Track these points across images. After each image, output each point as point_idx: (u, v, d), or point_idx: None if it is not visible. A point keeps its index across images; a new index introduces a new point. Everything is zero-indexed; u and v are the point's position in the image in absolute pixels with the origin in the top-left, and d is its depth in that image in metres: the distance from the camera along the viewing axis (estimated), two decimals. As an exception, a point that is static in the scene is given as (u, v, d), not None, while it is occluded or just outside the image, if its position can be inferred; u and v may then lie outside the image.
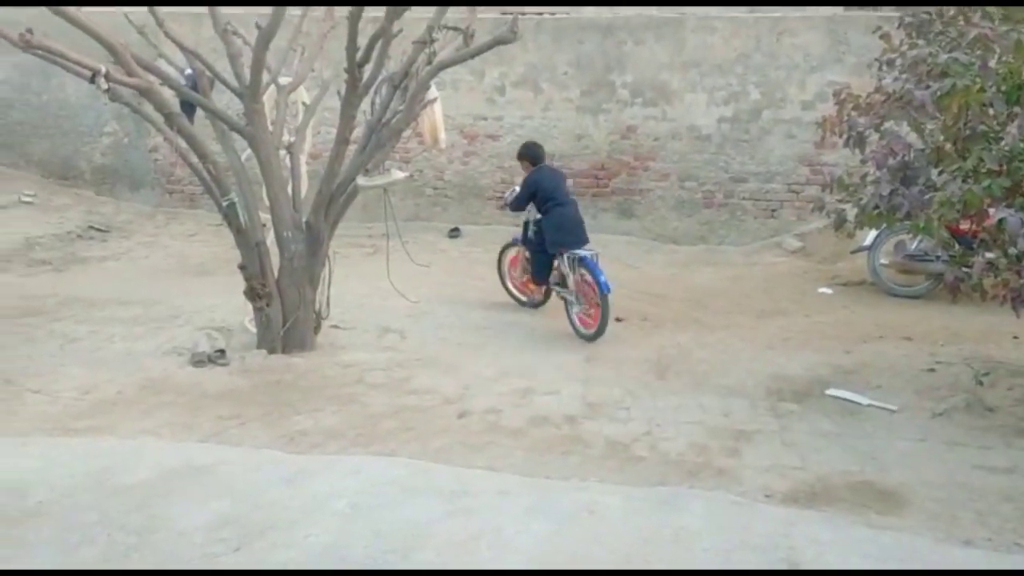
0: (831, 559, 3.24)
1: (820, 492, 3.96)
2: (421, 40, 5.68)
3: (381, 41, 5.46)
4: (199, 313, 6.96)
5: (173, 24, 6.09)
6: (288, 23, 5.90)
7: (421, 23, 5.86)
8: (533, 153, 7.17)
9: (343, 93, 5.81)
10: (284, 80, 6.40)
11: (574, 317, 6.73)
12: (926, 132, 4.83)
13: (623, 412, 4.96)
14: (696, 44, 9.62)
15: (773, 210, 9.64)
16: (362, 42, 5.55)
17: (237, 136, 6.08)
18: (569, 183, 7.57)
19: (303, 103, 6.68)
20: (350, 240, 8.81)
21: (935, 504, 3.84)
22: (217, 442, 4.49)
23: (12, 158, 11.49)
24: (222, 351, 5.95)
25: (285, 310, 6.04)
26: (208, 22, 7.46)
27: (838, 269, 8.56)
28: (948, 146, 4.55)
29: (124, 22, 6.45)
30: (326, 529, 3.43)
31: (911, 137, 4.85)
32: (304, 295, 6.08)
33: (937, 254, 7.04)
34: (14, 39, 4.96)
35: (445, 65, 5.74)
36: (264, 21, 5.82)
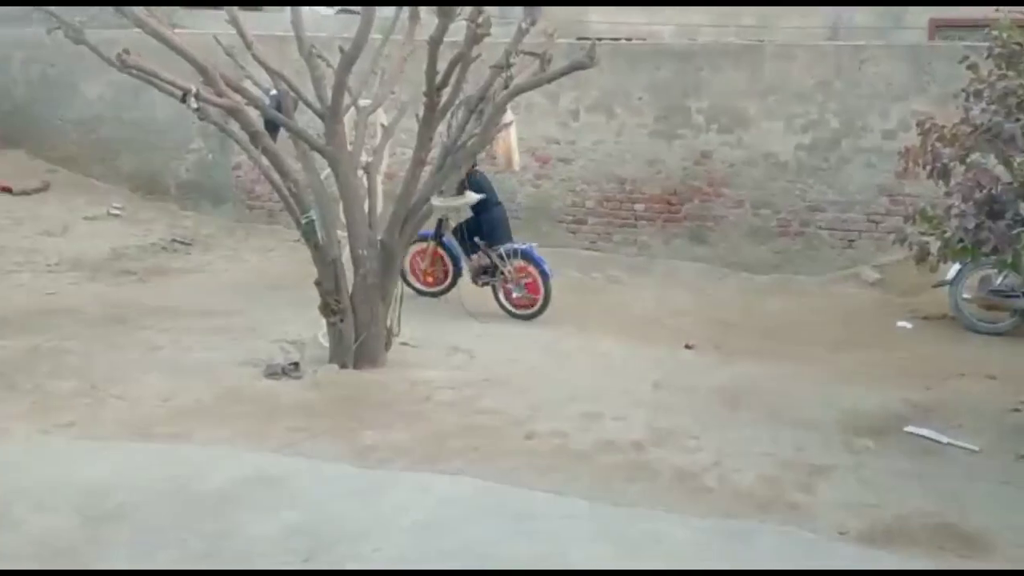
0: (907, 602, 3.13)
1: (897, 532, 3.85)
2: (498, 65, 5.76)
3: (460, 65, 5.55)
4: (274, 326, 7.11)
5: (259, 46, 6.30)
6: (369, 47, 6.05)
7: (499, 48, 5.95)
8: None
9: (421, 115, 5.92)
10: (364, 102, 6.55)
11: (504, 300, 7.78)
12: (1015, 165, 4.69)
13: (692, 441, 4.90)
14: (774, 71, 9.53)
15: (851, 240, 9.44)
16: (441, 66, 5.66)
17: (317, 155, 6.24)
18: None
19: (381, 124, 6.82)
20: (421, 259, 8.94)
21: (1020, 551, 3.68)
22: (289, 453, 4.57)
23: (104, 172, 11.97)
24: (296, 364, 6.07)
25: (357, 326, 6.15)
26: (293, 44, 7.72)
27: (918, 303, 8.32)
28: (1038, 180, 4.41)
29: (213, 43, 6.71)
30: (394, 544, 3.47)
31: (998, 170, 4.71)
32: (376, 312, 6.17)
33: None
34: (112, 59, 5.21)
35: (522, 89, 5.80)
36: (347, 45, 6.00)
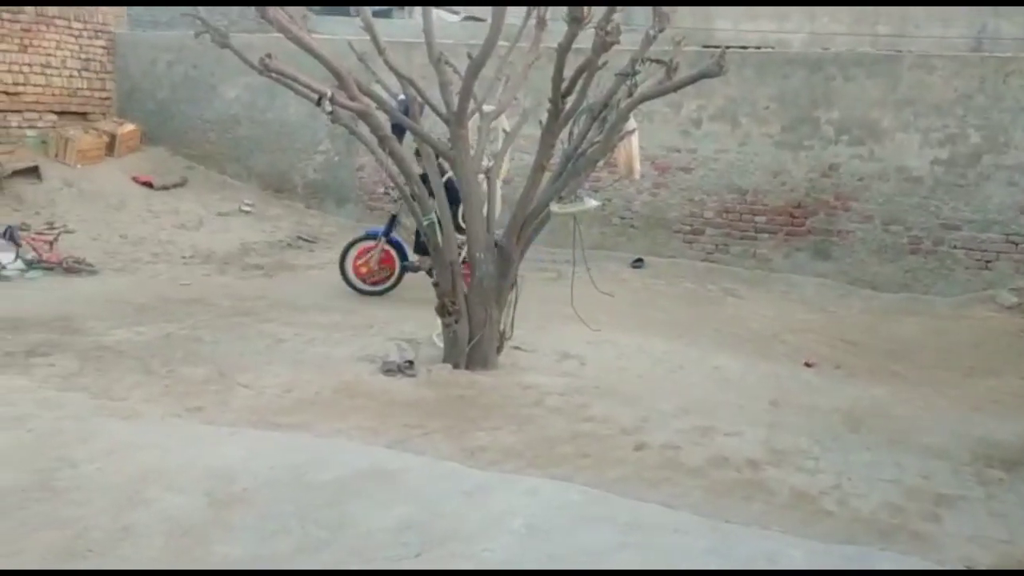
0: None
1: (1031, 572, 3.61)
2: (623, 72, 5.72)
3: (586, 72, 5.55)
4: (391, 324, 7.29)
5: (389, 51, 6.47)
6: (495, 53, 6.12)
7: (624, 55, 5.92)
8: None
9: (544, 122, 5.95)
10: (488, 108, 6.63)
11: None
12: None
13: (811, 462, 4.73)
14: (912, 82, 9.13)
15: (988, 261, 8.95)
16: (566, 73, 5.67)
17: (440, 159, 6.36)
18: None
19: (504, 130, 6.89)
20: (533, 264, 8.97)
21: None
22: (403, 449, 4.66)
23: (237, 170, 12.57)
24: (411, 362, 6.20)
25: (472, 328, 6.23)
26: (420, 50, 7.89)
27: (1061, 329, 7.81)
28: None
29: (344, 48, 6.95)
30: (502, 546, 3.49)
31: None
32: (491, 315, 6.24)
33: None
34: (254, 63, 5.46)
35: (647, 97, 5.74)
36: (473, 51, 6.09)
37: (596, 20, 5.42)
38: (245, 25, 12.73)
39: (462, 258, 6.49)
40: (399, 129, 6.71)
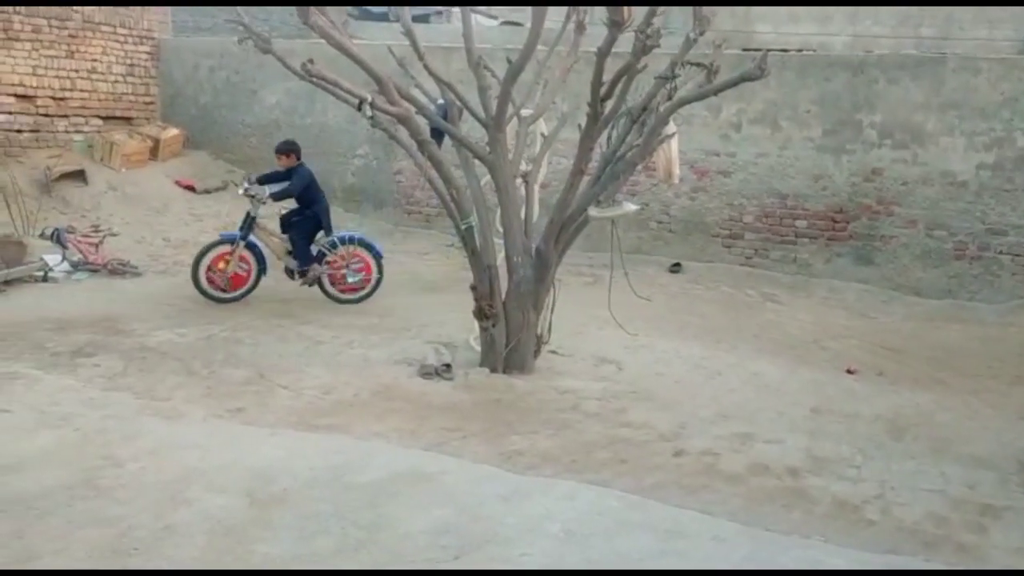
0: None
1: (1083, 587, 3.52)
2: (663, 76, 5.70)
3: (625, 76, 5.53)
4: (428, 327, 7.32)
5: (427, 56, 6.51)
6: (534, 58, 6.12)
7: (664, 59, 5.89)
8: (299, 148, 8.33)
9: (583, 126, 5.94)
10: (526, 112, 6.64)
11: (333, 288, 8.22)
12: None
13: (853, 471, 4.66)
14: (957, 85, 8.97)
15: (1035, 267, 8.75)
16: (605, 77, 5.65)
17: (477, 163, 6.38)
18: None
19: (542, 134, 6.89)
20: (571, 269, 8.95)
21: None
22: (440, 452, 4.68)
23: (277, 174, 12.69)
24: (448, 365, 6.22)
25: (509, 332, 6.23)
26: (457, 55, 7.93)
27: (1112, 338, 7.61)
28: None
29: (383, 53, 7.00)
30: (540, 551, 3.48)
31: None
32: (528, 319, 6.24)
33: None
34: (296, 69, 5.53)
35: (687, 101, 5.71)
36: (512, 56, 6.11)
37: (636, 24, 5.40)
38: (286, 31, 12.89)
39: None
40: (438, 133, 6.75)
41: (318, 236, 8.22)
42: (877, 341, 7.64)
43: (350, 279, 8.29)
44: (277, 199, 8.07)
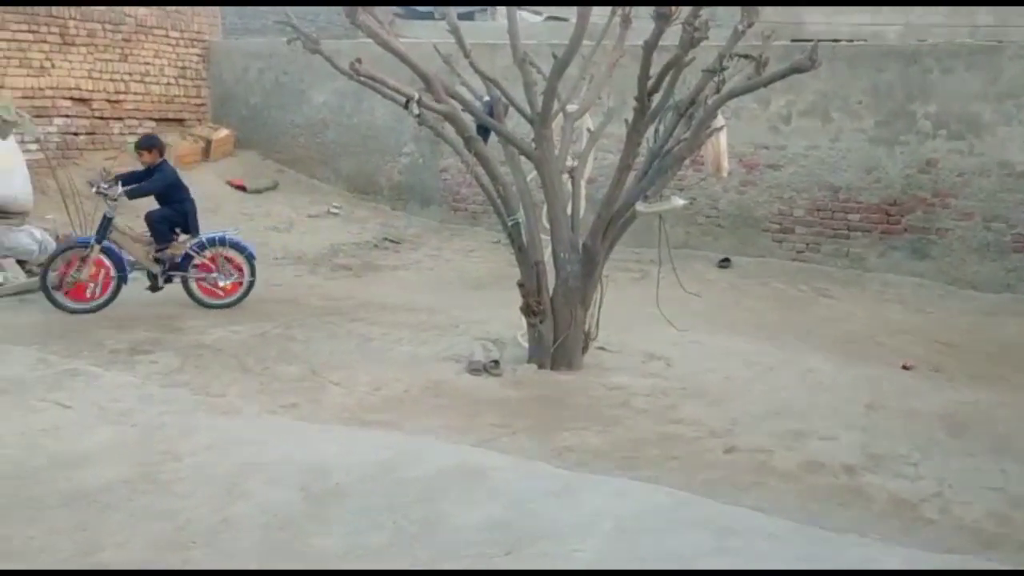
0: None
1: None
2: (711, 68, 5.64)
3: (673, 70, 5.49)
4: (475, 324, 7.34)
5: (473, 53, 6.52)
6: (580, 53, 6.10)
7: (712, 51, 5.83)
8: (163, 144, 7.90)
9: (629, 120, 5.90)
10: (571, 107, 6.62)
11: (200, 292, 7.63)
12: None
13: (910, 468, 4.57)
14: (1015, 73, 8.72)
15: (1098, 260, 8.48)
16: (652, 70, 5.61)
17: (523, 159, 6.38)
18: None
19: (588, 129, 6.87)
20: (618, 264, 8.90)
21: None
22: (490, 448, 4.69)
23: (326, 173, 12.87)
24: (496, 362, 6.24)
25: (557, 328, 6.23)
26: (502, 52, 7.92)
27: None
28: None
29: (428, 51, 7.02)
30: (592, 547, 3.48)
31: None
32: (576, 315, 6.22)
33: None
34: (344, 68, 5.58)
35: (736, 93, 5.65)
36: (557, 51, 6.10)
37: (683, 16, 5.35)
38: (333, 31, 13.03)
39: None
40: (484, 130, 6.76)
41: (184, 238, 7.67)
42: (933, 336, 7.48)
43: (222, 282, 7.70)
44: (133, 197, 7.54)
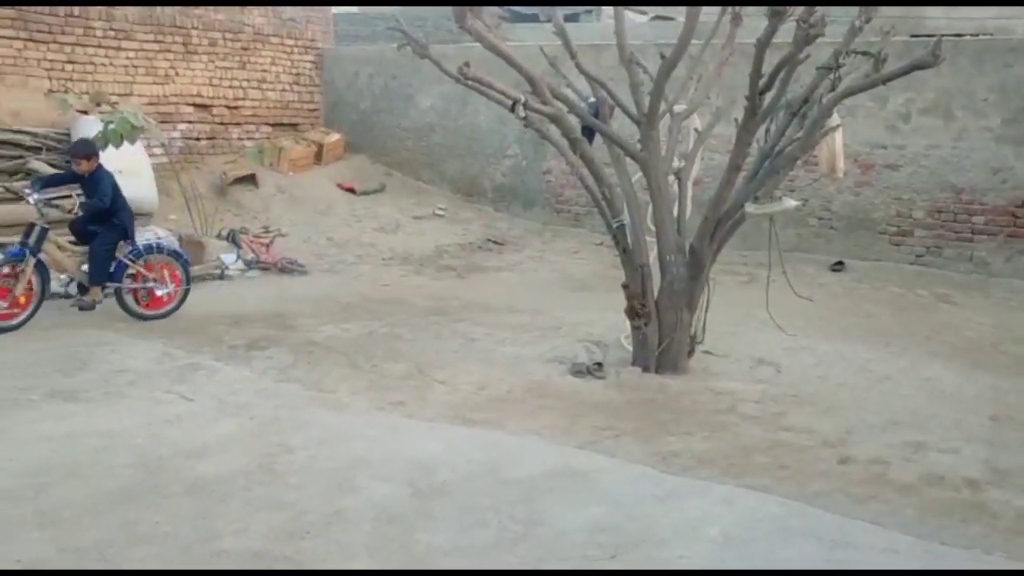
0: None
1: None
2: (826, 66, 5.46)
3: (786, 67, 5.34)
4: (578, 326, 7.33)
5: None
6: (688, 53, 6.01)
7: (827, 48, 5.65)
8: (98, 150, 7.35)
9: (739, 120, 5.78)
10: (679, 107, 6.53)
11: (135, 303, 7.19)
12: None
13: (1040, 485, 4.31)
14: None
15: None
16: (764, 69, 5.48)
17: (628, 160, 6.33)
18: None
19: (695, 129, 6.76)
20: (725, 267, 8.72)
21: None
22: (593, 450, 4.67)
23: (431, 176, 13.10)
24: (600, 364, 6.21)
25: (662, 331, 6.15)
26: (606, 52, 7.90)
27: None
28: None
29: (533, 53, 7.06)
30: (698, 553, 3.42)
31: None
32: (682, 318, 6.13)
33: None
34: (451, 72, 5.67)
35: (852, 91, 5.45)
36: (664, 51, 6.02)
37: (798, 13, 5.20)
38: (440, 36, 13.24)
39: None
40: (589, 132, 6.74)
41: (119, 245, 7.13)
42: (1065, 346, 7.04)
43: (159, 291, 7.29)
44: (88, 211, 6.96)
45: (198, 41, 11.62)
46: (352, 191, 12.44)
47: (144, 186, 9.37)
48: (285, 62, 12.90)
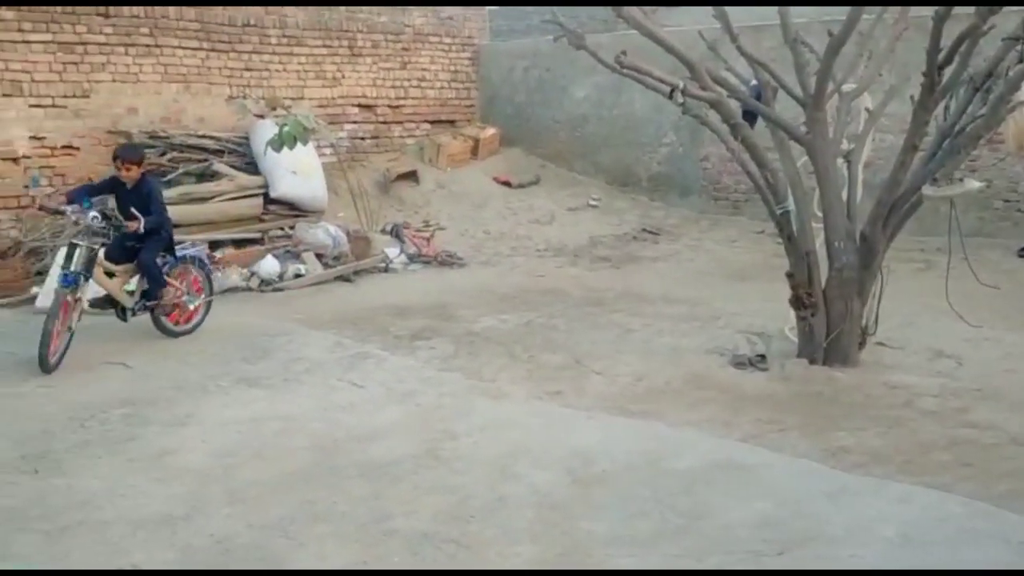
0: None
1: None
2: (1013, 36, 5.04)
3: (968, 40, 4.98)
4: (739, 317, 7.15)
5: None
6: (856, 29, 5.71)
7: (1015, 17, 5.21)
8: None
9: (915, 98, 5.44)
10: (847, 87, 6.22)
11: (167, 321, 6.54)
12: None
13: None
14: None
15: None
16: (943, 43, 5.13)
17: (793, 144, 6.09)
18: None
19: (866, 109, 6.41)
20: (899, 254, 8.23)
21: None
22: (757, 444, 4.56)
23: (585, 166, 13.10)
24: (762, 356, 6.03)
25: (829, 322, 5.89)
26: (766, 34, 7.61)
27: None
28: None
29: (690, 38, 6.91)
30: (873, 553, 3.27)
31: None
32: (851, 308, 5.85)
33: None
34: (607, 62, 5.65)
35: (1043, 62, 5.01)
36: (832, 28, 5.75)
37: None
38: (593, 26, 13.20)
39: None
40: (750, 116, 6.55)
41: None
42: None
43: (191, 304, 6.70)
44: (149, 227, 6.07)
45: (362, 44, 12.14)
46: (508, 184, 12.63)
47: (316, 185, 9.91)
48: (443, 60, 13.26)
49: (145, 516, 3.74)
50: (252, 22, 10.89)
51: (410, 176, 11.96)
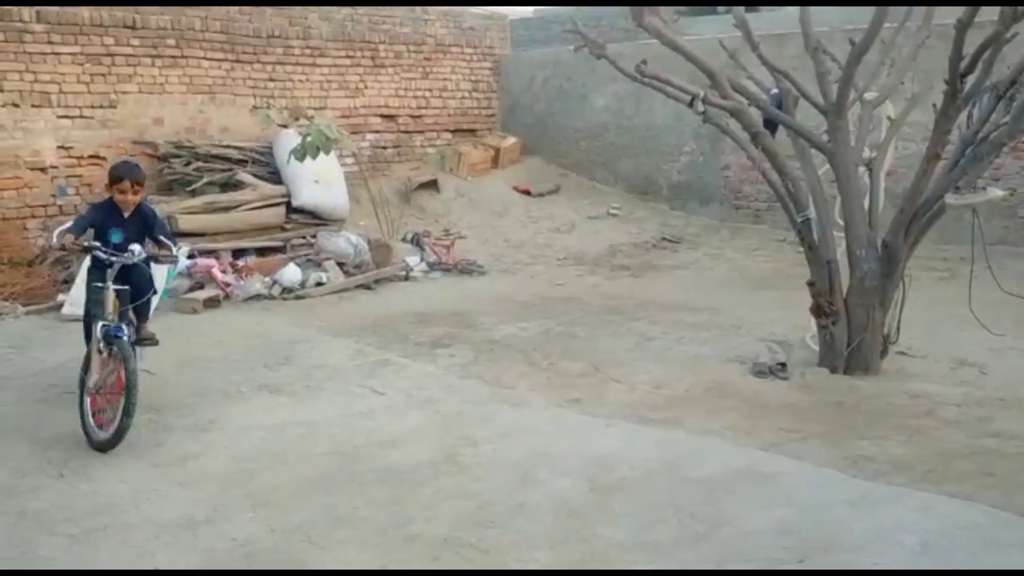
0: None
1: None
2: (1037, 42, 5.03)
3: (991, 48, 4.96)
4: (759, 325, 7.12)
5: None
6: (879, 37, 5.70)
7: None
8: None
9: (938, 106, 5.42)
10: (869, 95, 6.20)
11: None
12: None
13: None
14: None
15: None
16: (966, 51, 5.11)
17: (815, 153, 6.08)
18: None
19: (888, 117, 6.39)
20: (921, 263, 8.18)
21: None
22: (777, 452, 4.53)
23: (605, 175, 13.12)
24: (783, 364, 6.00)
25: (851, 330, 5.87)
26: (788, 42, 7.60)
27: None
28: None
29: (710, 46, 6.90)
30: (894, 561, 3.26)
31: None
32: (873, 317, 5.82)
33: None
34: (628, 71, 5.68)
35: (1068, 70, 4.98)
36: (858, 36, 5.74)
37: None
38: (614, 35, 13.24)
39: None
40: (771, 124, 6.54)
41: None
42: None
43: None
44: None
45: (385, 54, 12.25)
46: (528, 193, 12.67)
47: (337, 194, 9.99)
48: (464, 70, 13.35)
49: (168, 520, 3.79)
50: (276, 33, 11.02)
51: (431, 185, 12.03)
